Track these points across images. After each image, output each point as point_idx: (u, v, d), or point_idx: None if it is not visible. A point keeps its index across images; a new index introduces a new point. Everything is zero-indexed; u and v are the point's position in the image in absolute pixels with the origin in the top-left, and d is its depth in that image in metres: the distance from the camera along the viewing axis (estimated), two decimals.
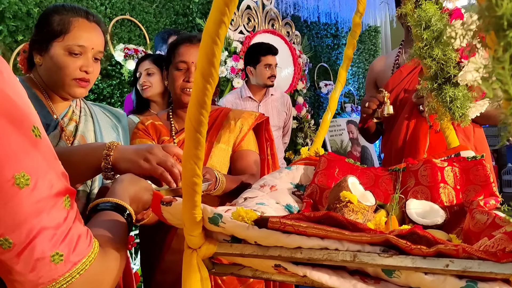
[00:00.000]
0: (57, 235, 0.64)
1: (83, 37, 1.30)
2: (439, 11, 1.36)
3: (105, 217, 0.88)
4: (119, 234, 0.84)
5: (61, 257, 0.64)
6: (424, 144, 1.90)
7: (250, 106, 3.35)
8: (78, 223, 0.69)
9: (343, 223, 0.78)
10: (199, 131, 0.68)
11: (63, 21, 1.29)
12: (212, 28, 0.63)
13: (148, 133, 1.66)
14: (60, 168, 0.69)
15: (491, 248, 0.73)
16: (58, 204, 0.65)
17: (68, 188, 0.68)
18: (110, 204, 0.92)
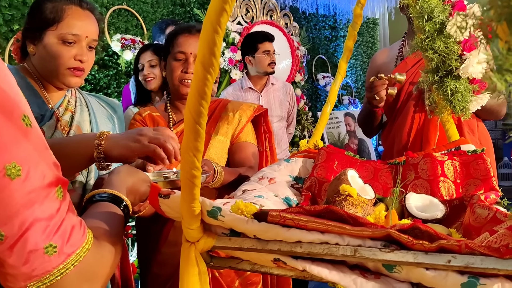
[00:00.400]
0: (50, 227, 0.63)
1: (76, 26, 1.28)
2: (441, 3, 1.35)
3: (101, 209, 0.87)
4: (115, 225, 0.83)
5: (54, 249, 0.63)
6: (434, 136, 1.88)
7: (251, 97, 3.32)
8: (71, 214, 0.68)
9: (344, 217, 0.77)
10: (199, 122, 0.66)
11: (56, 9, 1.27)
12: (213, 16, 0.61)
13: (146, 124, 1.65)
14: (52, 158, 0.67)
15: (494, 243, 0.72)
16: (50, 195, 0.64)
17: (60, 178, 0.67)
18: (106, 195, 0.91)
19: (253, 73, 3.28)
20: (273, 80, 3.43)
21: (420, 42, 1.31)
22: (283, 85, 3.52)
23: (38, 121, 1.25)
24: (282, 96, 3.44)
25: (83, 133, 1.34)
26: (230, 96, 3.26)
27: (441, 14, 1.28)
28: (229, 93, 3.30)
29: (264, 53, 3.20)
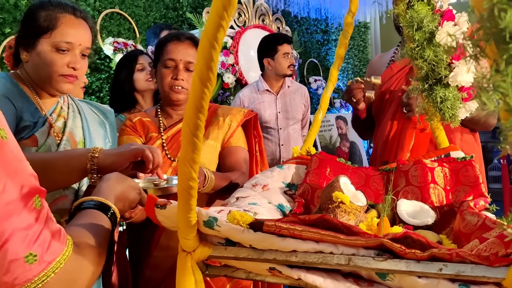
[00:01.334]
0: (30, 236, 0.64)
1: (70, 34, 1.29)
2: (431, 12, 1.37)
3: (87, 216, 0.88)
4: (99, 233, 0.84)
5: (35, 257, 0.64)
6: (409, 143, 1.93)
7: (268, 99, 3.30)
8: (50, 222, 0.69)
9: (338, 227, 0.78)
10: (196, 135, 0.67)
11: (50, 17, 1.27)
12: (210, 32, 0.62)
13: (136, 130, 1.65)
14: (29, 169, 0.68)
15: (484, 252, 0.74)
16: (28, 205, 0.65)
17: (37, 188, 0.68)
18: (94, 202, 0.92)
19: (272, 75, 3.28)
20: (288, 82, 3.41)
21: (410, 50, 1.33)
22: (299, 88, 3.49)
23: (30, 128, 1.27)
24: (298, 99, 3.40)
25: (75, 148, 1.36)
26: (246, 98, 3.25)
27: (431, 24, 1.31)
28: (245, 94, 3.29)
29: (284, 55, 3.19)
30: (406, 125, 2.01)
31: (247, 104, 3.26)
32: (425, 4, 1.38)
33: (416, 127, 1.92)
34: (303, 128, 3.58)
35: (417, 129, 1.91)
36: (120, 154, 1.13)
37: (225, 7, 0.61)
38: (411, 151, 1.89)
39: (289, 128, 3.34)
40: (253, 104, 3.25)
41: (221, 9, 0.61)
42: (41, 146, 1.28)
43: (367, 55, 6.63)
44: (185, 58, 1.58)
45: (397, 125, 2.06)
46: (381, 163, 1.90)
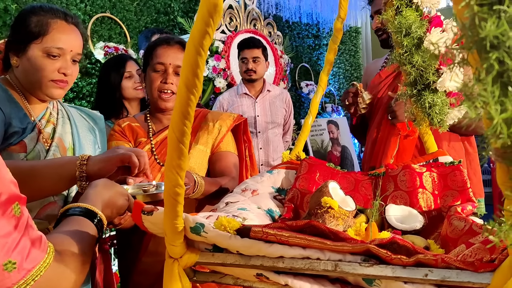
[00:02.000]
0: (9, 243, 0.64)
1: (61, 39, 1.28)
2: (419, 18, 1.38)
3: (72, 223, 0.88)
4: (83, 240, 0.83)
5: (14, 265, 0.64)
6: (393, 150, 1.95)
7: (247, 103, 3.35)
8: (31, 229, 0.69)
9: (325, 232, 0.78)
10: (182, 141, 0.67)
11: (41, 23, 1.27)
12: (196, 39, 0.62)
13: (125, 135, 1.64)
14: (8, 176, 0.68)
15: (469, 257, 0.74)
16: (7, 212, 0.65)
17: (17, 195, 0.68)
18: (80, 209, 0.92)
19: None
20: (269, 87, 3.46)
21: (398, 56, 1.34)
22: (280, 92, 3.54)
23: (19, 134, 1.26)
24: (278, 103, 3.45)
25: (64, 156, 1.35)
26: (225, 101, 3.29)
27: (419, 30, 1.32)
28: (224, 98, 3.33)
29: (242, 60, 3.25)
30: (391, 131, 2.03)
31: (226, 107, 3.32)
32: (413, 10, 1.39)
33: (400, 134, 1.95)
34: (286, 133, 3.63)
35: (401, 136, 1.94)
36: (107, 159, 1.13)
37: (210, 14, 0.61)
38: (396, 157, 1.92)
39: (268, 132, 3.39)
40: (232, 107, 3.30)
41: (207, 15, 0.61)
42: (30, 152, 1.27)
43: (358, 59, 6.66)
44: (175, 62, 1.58)
45: (383, 131, 2.08)
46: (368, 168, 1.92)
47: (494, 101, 0.43)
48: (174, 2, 4.23)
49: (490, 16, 0.43)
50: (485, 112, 0.45)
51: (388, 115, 2.02)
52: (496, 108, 0.43)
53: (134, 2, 3.94)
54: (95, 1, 3.65)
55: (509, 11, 0.42)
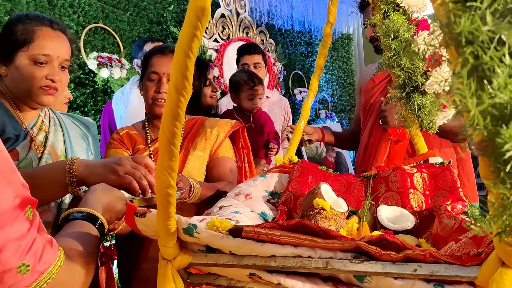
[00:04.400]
0: (22, 246, 0.65)
1: (47, 46, 1.29)
2: (406, 22, 1.41)
3: (75, 227, 0.89)
4: (88, 244, 0.85)
5: (27, 268, 0.65)
6: (383, 155, 1.97)
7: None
8: (42, 232, 0.70)
9: (316, 231, 0.80)
10: (173, 142, 0.69)
11: (27, 31, 1.28)
12: (185, 41, 0.64)
13: (123, 143, 1.66)
14: (20, 179, 0.69)
15: (457, 252, 0.76)
16: (20, 215, 0.66)
17: (29, 199, 0.69)
18: (81, 213, 0.93)
19: None
20: (268, 93, 3.43)
21: (387, 59, 1.37)
22: (279, 99, 3.52)
23: (12, 141, 1.26)
24: (277, 110, 3.43)
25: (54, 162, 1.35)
26: (224, 106, 3.27)
27: (406, 33, 1.34)
28: (223, 103, 3.31)
29: (242, 66, 3.22)
30: (382, 136, 2.05)
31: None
32: (400, 14, 1.42)
33: (391, 140, 1.97)
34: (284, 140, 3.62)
35: (392, 141, 1.96)
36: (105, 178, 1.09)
37: (198, 17, 0.63)
38: (386, 162, 1.94)
39: None
40: None
41: (194, 19, 0.63)
42: (22, 160, 1.27)
43: (351, 66, 6.71)
44: (168, 71, 1.61)
45: (374, 136, 2.11)
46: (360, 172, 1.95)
47: (470, 93, 0.45)
48: (166, 12, 4.26)
49: (464, 13, 0.45)
50: (463, 105, 0.47)
51: (379, 121, 2.05)
52: (473, 100, 0.45)
53: (127, 12, 3.97)
54: (88, 12, 3.66)
55: (482, 7, 0.44)
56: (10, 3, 3.10)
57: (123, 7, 3.95)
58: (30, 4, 3.24)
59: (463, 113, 0.51)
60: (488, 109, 0.45)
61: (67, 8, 3.51)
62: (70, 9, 3.53)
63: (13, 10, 3.12)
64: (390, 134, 1.93)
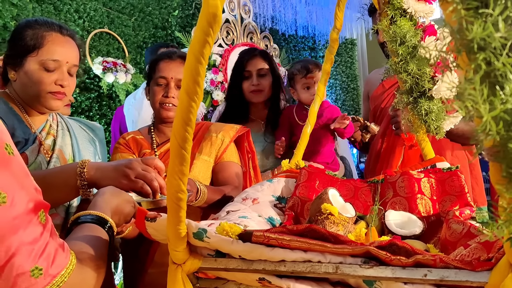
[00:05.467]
0: (35, 250, 0.66)
1: (57, 52, 1.30)
2: (413, 27, 1.41)
3: (85, 230, 0.89)
4: (98, 247, 0.85)
5: (40, 271, 0.66)
6: (397, 160, 1.97)
7: None
8: (55, 236, 0.71)
9: (325, 236, 0.80)
10: (184, 147, 0.69)
11: (36, 36, 1.29)
12: (196, 47, 0.65)
13: (129, 147, 1.67)
14: (33, 184, 0.70)
15: (467, 257, 0.76)
16: (34, 219, 0.67)
17: (42, 203, 0.70)
18: (91, 216, 0.94)
19: None
20: None
21: (394, 65, 1.37)
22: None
23: (22, 145, 1.27)
24: None
25: (65, 164, 1.36)
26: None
27: (413, 38, 1.35)
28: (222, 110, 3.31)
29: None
30: (395, 142, 2.04)
31: None
32: (407, 20, 1.42)
33: (405, 144, 1.96)
34: None
35: (406, 146, 1.95)
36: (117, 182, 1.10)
37: (210, 24, 0.63)
38: (400, 168, 1.93)
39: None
40: None
41: (206, 25, 0.63)
42: (31, 164, 1.28)
43: (354, 71, 6.72)
44: (176, 76, 1.62)
45: (387, 142, 2.10)
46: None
47: (482, 99, 0.45)
48: (171, 17, 4.29)
49: (477, 19, 0.45)
50: (475, 111, 0.47)
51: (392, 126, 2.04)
52: (485, 106, 0.45)
53: (132, 17, 3.99)
54: (94, 17, 3.69)
55: (494, 14, 0.44)
56: (16, 9, 3.13)
57: (128, 12, 3.98)
58: (36, 9, 3.27)
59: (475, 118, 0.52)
60: (500, 115, 0.46)
61: (73, 13, 3.54)
62: (75, 14, 3.56)
63: (19, 16, 3.14)
64: (405, 139, 1.92)
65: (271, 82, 2.24)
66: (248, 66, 2.23)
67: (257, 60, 2.24)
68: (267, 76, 2.23)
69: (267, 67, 2.23)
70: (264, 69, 2.22)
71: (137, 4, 4.05)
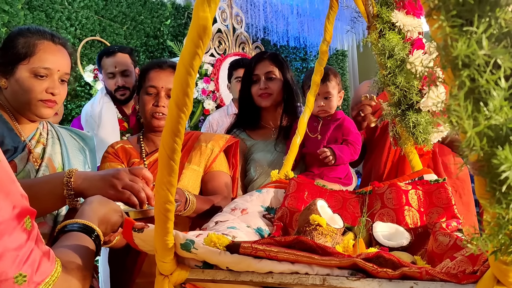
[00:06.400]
0: (20, 256, 0.65)
1: (48, 60, 1.30)
2: (401, 41, 1.43)
3: (72, 239, 0.89)
4: (84, 255, 0.84)
5: (24, 278, 0.65)
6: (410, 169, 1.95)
7: None
8: (40, 243, 0.70)
9: (313, 247, 0.80)
10: (173, 158, 0.69)
11: (28, 44, 1.29)
12: (186, 59, 0.65)
13: (118, 157, 1.66)
14: (20, 190, 0.70)
15: (453, 269, 0.76)
16: (19, 225, 0.66)
17: (28, 209, 0.69)
18: (78, 225, 0.93)
19: (234, 99, 3.27)
20: None
21: (382, 77, 1.39)
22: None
23: (11, 153, 1.26)
24: None
25: (53, 173, 1.35)
26: (215, 121, 3.22)
27: (401, 52, 1.37)
28: (214, 118, 3.27)
29: (236, 79, 3.17)
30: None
31: (216, 128, 3.18)
32: (396, 33, 1.45)
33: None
34: None
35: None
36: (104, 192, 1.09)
37: (200, 36, 0.64)
38: None
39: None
40: (221, 127, 3.17)
41: (196, 38, 0.64)
42: (20, 172, 1.27)
43: (345, 82, 6.77)
44: (167, 85, 1.62)
45: (395, 152, 2.07)
46: None
47: (467, 115, 0.46)
48: (163, 26, 4.30)
49: (461, 37, 0.46)
50: (460, 126, 0.48)
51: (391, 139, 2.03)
52: (469, 122, 0.46)
53: (124, 25, 4.00)
54: (85, 25, 3.69)
55: (478, 31, 0.45)
56: (8, 15, 3.12)
57: (120, 20, 3.98)
58: (28, 17, 3.26)
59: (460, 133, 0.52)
60: (484, 131, 0.47)
61: (65, 20, 3.53)
62: (67, 21, 3.55)
63: (10, 22, 3.13)
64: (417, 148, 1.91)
65: (281, 86, 2.15)
66: (256, 70, 2.14)
67: (265, 63, 2.15)
68: (276, 80, 2.14)
69: (277, 71, 2.14)
70: (273, 72, 2.13)
71: (129, 12, 4.06)
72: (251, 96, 2.12)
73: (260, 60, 2.16)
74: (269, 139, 2.12)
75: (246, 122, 2.17)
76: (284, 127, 2.12)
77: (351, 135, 1.94)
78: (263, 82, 2.10)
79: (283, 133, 2.11)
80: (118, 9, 3.97)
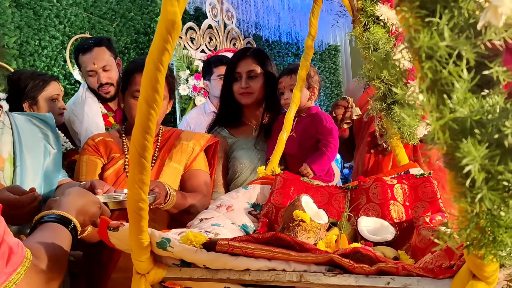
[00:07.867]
0: None
1: None
2: (386, 35, 1.42)
3: (47, 229, 0.89)
4: (59, 246, 0.85)
5: None
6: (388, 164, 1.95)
7: None
8: (8, 235, 0.71)
9: (290, 244, 0.79)
10: (144, 156, 0.68)
11: None
12: (155, 55, 0.64)
13: (98, 150, 1.64)
14: None
15: (430, 264, 0.76)
16: None
17: None
18: (54, 216, 0.93)
19: (212, 97, 3.20)
20: None
21: (367, 71, 1.38)
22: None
23: None
24: None
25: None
26: (192, 120, 3.14)
27: (386, 45, 1.36)
28: (192, 117, 3.19)
29: (218, 77, 3.08)
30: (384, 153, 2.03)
31: (193, 127, 3.05)
32: (380, 27, 1.44)
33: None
34: None
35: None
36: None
37: (169, 31, 0.63)
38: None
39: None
40: (199, 126, 3.04)
41: (165, 33, 0.63)
42: None
43: (338, 77, 6.77)
44: None
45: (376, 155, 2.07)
46: None
47: (430, 108, 0.45)
48: (153, 23, 4.26)
49: (424, 28, 0.45)
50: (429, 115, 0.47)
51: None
52: (433, 115, 0.45)
53: (113, 23, 3.96)
54: (74, 22, 3.65)
55: (441, 22, 0.44)
56: None
57: (109, 17, 3.95)
58: (15, 15, 3.23)
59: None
60: (449, 123, 0.46)
61: (53, 18, 3.50)
62: (56, 19, 3.51)
63: None
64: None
65: (263, 84, 2.08)
66: (238, 68, 2.08)
67: (248, 61, 2.09)
68: (258, 78, 2.07)
69: (259, 68, 2.08)
70: (255, 71, 2.07)
71: (119, 9, 4.03)
72: (233, 94, 2.08)
73: (242, 57, 2.10)
74: (250, 136, 2.09)
75: (227, 119, 2.13)
76: (265, 125, 2.08)
77: (325, 131, 1.89)
78: (245, 81, 2.05)
79: (264, 131, 2.08)
80: (107, 6, 3.93)
